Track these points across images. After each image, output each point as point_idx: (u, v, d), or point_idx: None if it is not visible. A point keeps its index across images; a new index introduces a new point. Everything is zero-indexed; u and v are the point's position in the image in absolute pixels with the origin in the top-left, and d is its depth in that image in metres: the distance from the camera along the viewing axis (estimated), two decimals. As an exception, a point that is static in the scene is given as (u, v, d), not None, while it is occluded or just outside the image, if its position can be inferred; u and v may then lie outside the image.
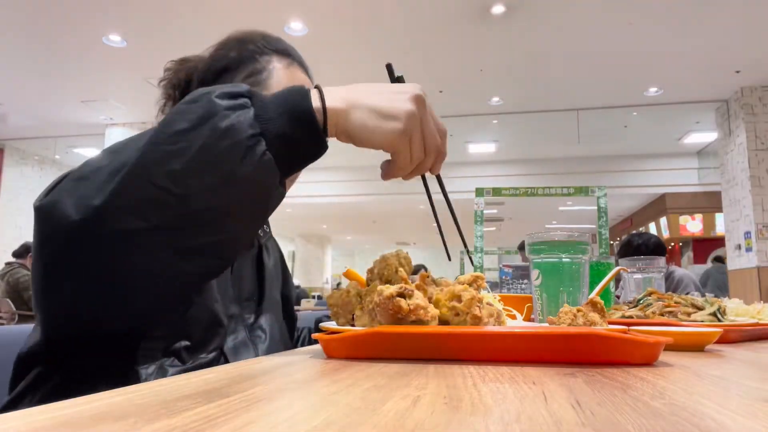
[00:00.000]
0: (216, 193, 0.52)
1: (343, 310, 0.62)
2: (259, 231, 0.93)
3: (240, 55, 0.87)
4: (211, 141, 0.51)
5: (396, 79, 0.66)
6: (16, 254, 5.17)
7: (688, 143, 8.35)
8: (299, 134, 0.55)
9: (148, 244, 0.52)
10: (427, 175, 0.66)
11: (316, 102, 0.56)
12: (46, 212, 0.52)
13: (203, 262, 0.56)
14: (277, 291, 0.98)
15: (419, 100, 0.58)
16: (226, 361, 0.74)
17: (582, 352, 0.48)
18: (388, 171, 0.62)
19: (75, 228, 0.50)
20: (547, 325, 0.61)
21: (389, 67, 0.68)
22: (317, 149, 0.57)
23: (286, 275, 1.06)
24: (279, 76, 0.86)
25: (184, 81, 0.89)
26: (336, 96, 0.57)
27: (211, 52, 0.89)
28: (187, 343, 0.70)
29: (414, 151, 0.58)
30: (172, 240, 0.53)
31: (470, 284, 0.62)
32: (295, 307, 1.09)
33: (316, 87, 0.58)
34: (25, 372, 0.66)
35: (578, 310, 0.58)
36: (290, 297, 1.05)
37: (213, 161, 0.52)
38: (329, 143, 0.58)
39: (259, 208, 0.58)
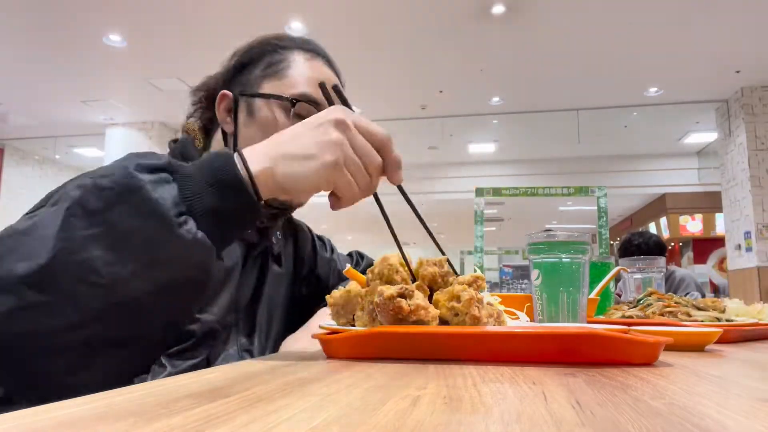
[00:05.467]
0: (145, 278, 0.48)
1: (343, 310, 0.62)
2: (273, 238, 0.90)
3: (261, 49, 0.85)
4: (134, 222, 0.47)
5: (331, 97, 0.65)
6: None
7: (688, 143, 8.35)
8: (231, 205, 0.52)
9: (63, 343, 0.48)
10: (385, 188, 0.62)
11: (241, 169, 0.53)
12: None
13: (132, 351, 0.54)
14: (284, 294, 0.95)
15: (340, 124, 0.55)
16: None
17: (582, 352, 0.48)
18: (335, 203, 0.59)
19: None
20: (547, 325, 0.61)
21: (322, 87, 0.67)
22: (253, 215, 0.54)
23: (316, 259, 1.03)
24: (300, 68, 0.83)
25: (213, 87, 0.87)
26: (258, 157, 0.54)
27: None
28: (174, 349, 0.67)
29: (355, 175, 0.56)
30: (94, 334, 0.49)
31: (470, 285, 0.62)
32: None
33: (236, 152, 0.55)
34: None
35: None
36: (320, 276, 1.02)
37: (138, 245, 0.48)
38: None
39: (197, 287, 0.54)
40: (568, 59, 5.62)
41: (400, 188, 0.64)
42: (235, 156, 0.54)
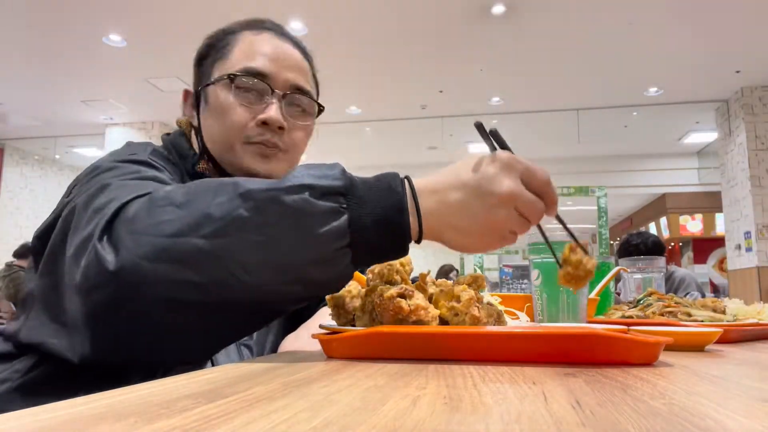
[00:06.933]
0: (286, 288, 0.52)
1: (343, 310, 0.62)
2: None
3: (210, 40, 0.87)
4: (299, 246, 0.50)
5: (489, 135, 0.65)
6: (17, 255, 5.17)
7: (688, 143, 8.34)
8: (387, 246, 0.54)
9: (193, 316, 0.51)
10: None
11: (413, 220, 0.54)
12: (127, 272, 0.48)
13: (243, 328, 0.58)
14: None
15: (507, 201, 0.55)
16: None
17: (582, 352, 0.48)
18: None
19: (126, 285, 0.48)
20: (547, 324, 0.61)
21: (480, 127, 0.66)
22: (397, 257, 0.57)
23: None
24: (242, 45, 0.84)
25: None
26: (429, 208, 0.55)
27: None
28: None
29: (519, 232, 0.58)
30: (222, 316, 0.52)
31: (469, 285, 0.62)
32: None
33: (407, 180, 0.56)
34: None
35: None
36: None
37: (295, 265, 0.51)
38: None
39: (322, 295, 0.61)
40: (568, 59, 5.62)
41: (557, 217, 0.64)
42: (408, 198, 0.55)
